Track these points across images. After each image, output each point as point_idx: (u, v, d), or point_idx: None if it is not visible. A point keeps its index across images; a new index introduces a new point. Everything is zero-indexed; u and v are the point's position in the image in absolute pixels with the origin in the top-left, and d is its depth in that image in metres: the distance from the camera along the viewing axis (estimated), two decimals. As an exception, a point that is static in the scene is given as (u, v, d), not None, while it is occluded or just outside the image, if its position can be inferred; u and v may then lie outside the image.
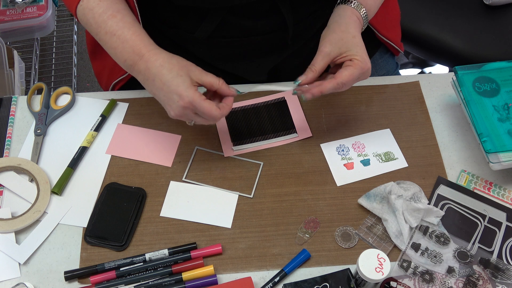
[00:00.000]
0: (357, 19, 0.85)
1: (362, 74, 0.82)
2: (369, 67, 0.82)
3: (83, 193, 0.88)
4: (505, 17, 1.31)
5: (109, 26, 0.80)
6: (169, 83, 0.77)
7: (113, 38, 0.80)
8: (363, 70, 0.81)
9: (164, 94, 0.78)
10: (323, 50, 0.82)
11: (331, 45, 0.82)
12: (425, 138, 0.95)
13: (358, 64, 0.81)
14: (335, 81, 0.81)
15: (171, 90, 0.77)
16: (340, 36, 0.82)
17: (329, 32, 0.84)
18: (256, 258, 0.82)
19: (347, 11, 0.86)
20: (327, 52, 0.82)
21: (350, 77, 0.81)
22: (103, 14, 0.80)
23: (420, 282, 0.79)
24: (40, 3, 1.68)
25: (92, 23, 0.81)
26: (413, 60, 1.91)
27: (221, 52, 0.97)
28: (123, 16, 0.81)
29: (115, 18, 0.80)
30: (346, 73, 0.81)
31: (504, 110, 0.89)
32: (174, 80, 0.77)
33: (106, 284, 0.78)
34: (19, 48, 1.87)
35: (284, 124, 0.95)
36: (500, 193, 0.88)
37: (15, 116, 0.96)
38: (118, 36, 0.79)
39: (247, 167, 0.91)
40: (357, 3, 0.86)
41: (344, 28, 0.83)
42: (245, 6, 0.87)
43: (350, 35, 0.82)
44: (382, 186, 0.86)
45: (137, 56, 0.79)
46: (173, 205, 0.87)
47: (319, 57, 0.83)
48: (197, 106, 0.77)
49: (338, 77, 0.81)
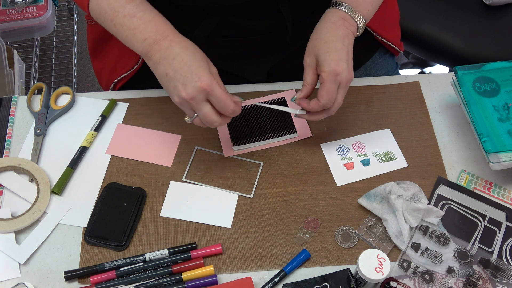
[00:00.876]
0: (339, 19, 0.82)
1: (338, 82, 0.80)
2: (339, 72, 0.78)
3: (83, 193, 0.88)
4: (505, 17, 1.31)
5: (128, 9, 0.79)
6: (192, 63, 0.75)
7: (133, 19, 0.79)
8: (335, 79, 0.79)
9: (181, 73, 0.76)
10: (305, 63, 0.83)
11: (309, 56, 0.82)
12: (425, 138, 0.95)
13: (326, 77, 0.79)
14: (318, 103, 0.81)
15: (192, 70, 0.75)
16: (313, 43, 0.82)
17: (308, 42, 0.84)
18: (256, 258, 0.82)
19: (328, 13, 0.84)
20: (308, 63, 0.82)
21: (328, 94, 0.80)
22: None
23: (420, 282, 0.79)
24: (40, 3, 1.68)
25: (107, 10, 0.80)
26: (413, 60, 1.91)
27: (221, 52, 0.97)
28: (142, 1, 0.81)
29: (134, 2, 0.80)
30: (322, 92, 0.80)
31: (504, 110, 0.89)
32: (197, 62, 0.76)
33: (106, 284, 0.78)
34: (19, 48, 1.87)
35: (284, 124, 0.95)
36: (500, 193, 0.88)
37: (15, 116, 0.96)
38: (140, 17, 0.79)
39: (247, 167, 0.91)
40: (348, 6, 0.83)
41: (318, 34, 0.82)
42: (244, 5, 0.88)
43: (323, 41, 0.81)
44: (382, 186, 0.86)
45: (160, 36, 0.78)
46: (173, 205, 0.87)
47: (304, 71, 0.83)
48: (215, 91, 0.75)
49: (320, 98, 0.81)
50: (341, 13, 0.83)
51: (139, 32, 0.79)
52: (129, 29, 0.80)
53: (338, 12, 0.83)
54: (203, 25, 0.91)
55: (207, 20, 0.90)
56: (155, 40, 0.78)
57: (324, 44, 0.80)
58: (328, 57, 0.79)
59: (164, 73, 0.77)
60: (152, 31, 0.78)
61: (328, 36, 0.81)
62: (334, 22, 0.82)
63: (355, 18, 0.84)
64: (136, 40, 0.80)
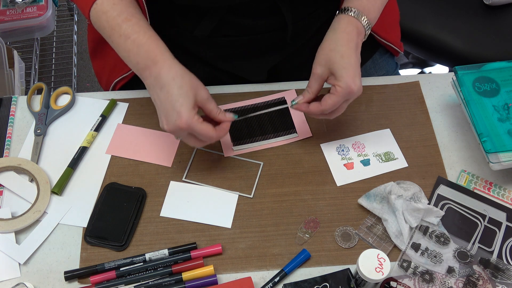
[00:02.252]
0: (353, 29, 0.83)
1: (348, 98, 0.82)
2: (354, 90, 0.80)
3: (83, 193, 0.88)
4: (505, 17, 1.31)
5: (123, 29, 0.80)
6: (175, 98, 0.77)
7: (127, 41, 0.80)
8: (347, 96, 0.81)
9: (165, 107, 0.78)
10: (315, 73, 0.83)
11: (321, 67, 0.83)
12: (425, 138, 0.95)
13: (340, 92, 0.80)
14: (320, 108, 0.83)
15: (173, 107, 0.77)
16: (329, 56, 0.82)
17: (320, 50, 0.84)
18: (256, 258, 0.82)
19: (342, 23, 0.83)
20: (319, 74, 0.83)
21: (334, 105, 0.82)
22: (117, 17, 0.80)
23: (420, 282, 0.79)
24: (40, 3, 1.68)
25: (105, 26, 0.82)
26: (413, 60, 1.91)
27: (221, 51, 0.97)
28: (138, 20, 0.81)
29: (130, 21, 0.80)
30: (329, 101, 0.81)
31: (504, 110, 0.89)
32: (180, 98, 0.77)
33: (106, 284, 0.78)
34: (19, 48, 1.87)
35: (284, 124, 0.95)
36: (500, 193, 0.88)
37: (15, 116, 0.96)
38: (133, 39, 0.80)
39: (247, 167, 0.91)
40: (357, 10, 0.83)
41: (334, 46, 0.82)
42: (244, 5, 0.88)
43: (339, 55, 0.81)
44: (382, 186, 0.86)
45: (151, 62, 0.79)
46: (173, 205, 0.87)
47: (312, 79, 0.84)
48: (194, 128, 0.78)
49: (323, 104, 0.82)
50: (354, 20, 0.83)
51: (132, 55, 0.80)
52: (124, 50, 0.81)
53: (351, 20, 0.83)
54: (203, 24, 0.91)
55: (207, 20, 0.90)
56: (146, 65, 0.79)
57: (341, 58, 0.81)
58: (345, 73, 0.80)
59: (153, 99, 0.80)
60: (143, 56, 0.79)
61: (344, 50, 0.81)
62: (349, 33, 0.82)
63: (364, 25, 0.84)
64: (130, 62, 0.81)
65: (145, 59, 0.79)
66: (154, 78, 0.79)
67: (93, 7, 0.82)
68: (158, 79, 0.78)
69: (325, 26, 0.99)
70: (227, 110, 0.96)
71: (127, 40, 0.80)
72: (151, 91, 0.80)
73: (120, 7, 0.81)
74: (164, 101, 0.78)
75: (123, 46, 0.81)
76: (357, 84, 0.80)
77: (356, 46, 0.82)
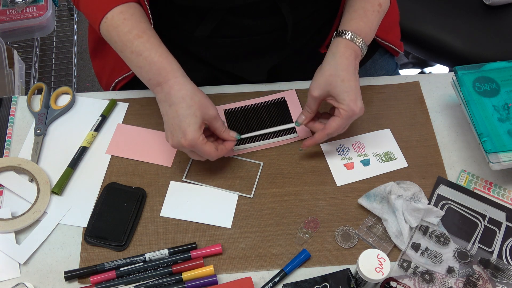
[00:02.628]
0: (351, 53, 0.85)
1: (351, 119, 0.85)
2: (357, 112, 0.83)
3: (83, 193, 0.88)
4: (505, 17, 1.31)
5: (135, 46, 0.81)
6: (182, 118, 0.80)
7: (139, 58, 0.82)
8: (351, 118, 0.84)
9: (172, 124, 0.81)
10: (313, 95, 0.86)
11: (319, 90, 0.85)
12: (425, 138, 0.95)
13: (344, 114, 0.84)
14: (325, 132, 0.86)
15: (180, 126, 0.80)
16: (329, 80, 0.84)
17: (320, 73, 0.86)
18: (256, 258, 0.82)
19: (340, 47, 0.85)
20: (317, 96, 0.86)
21: (338, 127, 0.85)
22: (129, 33, 0.82)
23: (420, 282, 0.79)
24: (40, 3, 1.68)
25: (117, 41, 0.83)
26: (413, 60, 1.91)
27: (221, 52, 0.97)
28: (149, 37, 0.83)
29: (142, 38, 0.82)
30: (333, 124, 0.85)
31: (504, 110, 0.89)
32: (187, 118, 0.80)
33: (106, 284, 0.78)
34: (19, 48, 1.87)
35: (284, 124, 0.95)
36: (500, 193, 0.88)
37: (15, 116, 0.96)
38: (145, 57, 0.81)
39: (247, 167, 0.91)
40: (353, 34, 0.85)
41: (334, 71, 0.84)
42: (245, 5, 0.88)
43: (339, 79, 0.83)
44: (382, 186, 0.86)
45: (162, 79, 0.81)
46: (173, 205, 0.87)
47: (311, 101, 0.87)
48: (197, 148, 0.81)
49: (328, 128, 0.85)
50: (351, 44, 0.85)
51: (144, 72, 0.82)
52: (136, 66, 0.83)
53: (349, 44, 0.85)
54: (203, 25, 0.91)
55: (207, 20, 0.90)
56: (158, 82, 0.82)
57: (341, 83, 0.83)
58: (347, 97, 0.83)
59: (162, 113, 0.83)
60: (155, 73, 0.81)
61: (344, 74, 0.83)
62: (348, 57, 0.85)
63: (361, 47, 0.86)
64: (142, 77, 0.84)
65: (157, 76, 0.81)
66: (165, 95, 0.81)
67: (103, 21, 0.83)
68: (168, 96, 0.81)
69: (325, 27, 0.99)
70: (227, 110, 0.97)
71: (139, 57, 0.82)
72: (161, 105, 0.83)
73: (131, 22, 0.82)
74: (172, 118, 0.81)
75: (135, 62, 0.83)
76: (359, 106, 0.83)
77: (355, 69, 0.85)
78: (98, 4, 0.83)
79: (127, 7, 0.83)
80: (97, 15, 0.83)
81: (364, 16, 0.87)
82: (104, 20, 0.82)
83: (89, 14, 0.85)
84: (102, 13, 0.82)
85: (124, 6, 0.82)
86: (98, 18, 0.83)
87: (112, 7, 0.82)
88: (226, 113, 0.96)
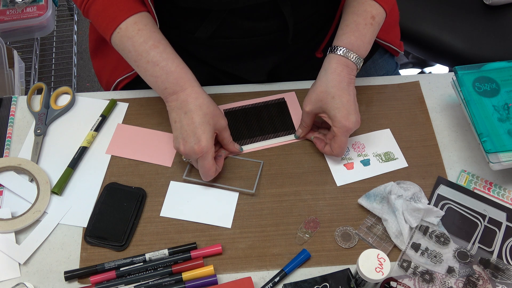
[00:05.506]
0: (343, 68, 0.85)
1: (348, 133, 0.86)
2: (350, 127, 0.84)
3: (83, 193, 0.88)
4: (505, 17, 1.31)
5: (151, 56, 0.82)
6: (198, 125, 0.81)
7: (155, 68, 0.83)
8: (346, 133, 0.85)
9: (186, 130, 0.82)
10: (305, 110, 0.88)
11: (311, 105, 0.87)
12: (425, 138, 0.95)
13: (338, 132, 0.85)
14: (333, 154, 0.89)
15: (195, 132, 0.81)
16: (319, 96, 0.86)
17: (312, 89, 0.88)
18: (256, 258, 0.82)
19: (332, 63, 0.86)
20: (309, 111, 0.88)
21: (341, 145, 0.87)
22: (144, 43, 0.82)
23: (420, 282, 0.79)
24: (40, 3, 1.68)
25: (131, 51, 0.83)
26: (413, 60, 1.91)
27: (222, 53, 0.97)
28: (165, 47, 0.84)
29: (158, 48, 0.83)
30: (336, 145, 0.87)
31: (504, 110, 0.89)
32: (202, 126, 0.82)
33: (106, 284, 0.78)
34: (19, 48, 1.87)
35: (284, 124, 0.95)
36: (500, 193, 0.88)
37: (15, 116, 0.96)
38: (162, 67, 0.82)
39: (247, 166, 0.91)
40: (345, 49, 0.86)
41: (324, 87, 0.85)
42: (246, 7, 0.88)
43: (330, 96, 0.84)
44: (382, 186, 0.86)
45: (179, 88, 0.83)
46: (173, 205, 0.87)
47: (304, 115, 0.90)
48: (205, 159, 0.82)
49: (334, 149, 0.88)
50: (343, 59, 0.86)
51: (160, 81, 0.83)
52: (151, 75, 0.84)
53: (341, 60, 0.86)
54: (205, 26, 0.90)
55: (208, 22, 0.90)
56: (174, 90, 0.83)
57: (332, 99, 0.84)
58: (338, 114, 0.84)
59: (174, 120, 0.84)
60: (173, 82, 0.83)
61: (334, 91, 0.85)
62: (339, 74, 0.85)
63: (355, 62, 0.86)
64: (157, 87, 0.84)
65: (174, 86, 0.83)
66: (180, 102, 0.83)
67: (116, 31, 0.83)
68: (184, 104, 0.82)
69: (325, 27, 0.99)
70: (227, 110, 0.97)
71: (156, 67, 0.83)
72: (174, 112, 0.84)
73: (145, 33, 0.83)
74: (186, 125, 0.82)
75: (150, 72, 0.83)
76: (352, 121, 0.85)
77: (348, 84, 0.86)
78: (110, 14, 0.83)
79: (140, 17, 0.83)
80: (110, 25, 0.83)
81: (356, 30, 0.87)
82: (117, 30, 0.83)
83: (100, 23, 0.85)
84: (115, 24, 0.82)
85: (137, 17, 0.83)
86: (111, 28, 0.83)
87: (126, 17, 0.82)
88: (226, 113, 0.96)
